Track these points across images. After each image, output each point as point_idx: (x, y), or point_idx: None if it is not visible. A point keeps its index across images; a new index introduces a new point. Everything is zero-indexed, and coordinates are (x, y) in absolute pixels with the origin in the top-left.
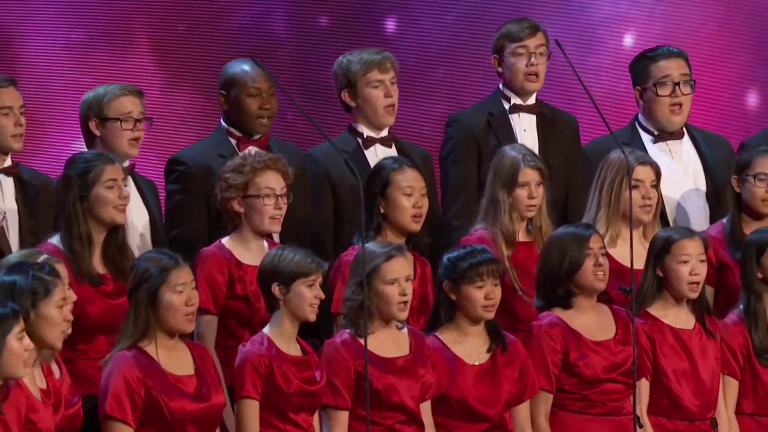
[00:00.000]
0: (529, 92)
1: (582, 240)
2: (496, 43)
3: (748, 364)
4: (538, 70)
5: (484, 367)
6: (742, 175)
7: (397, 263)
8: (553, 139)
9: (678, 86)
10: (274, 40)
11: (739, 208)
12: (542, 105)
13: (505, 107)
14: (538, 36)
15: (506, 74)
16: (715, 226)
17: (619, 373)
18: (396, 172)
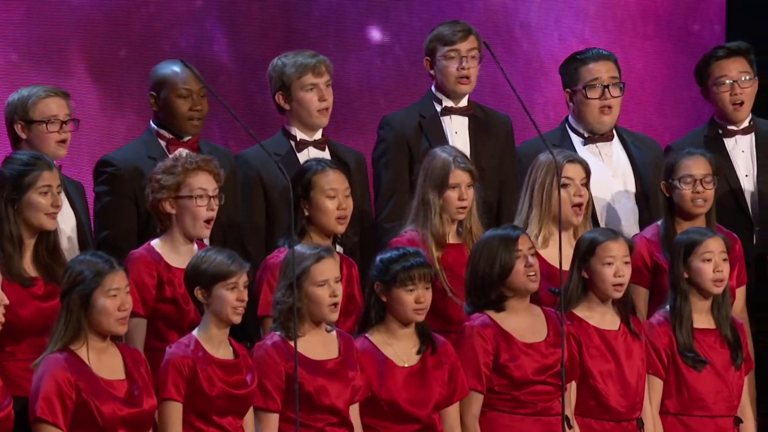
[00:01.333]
0: (461, 95)
1: (510, 242)
2: (428, 46)
3: (672, 364)
4: (470, 74)
5: (413, 369)
6: (670, 180)
7: (327, 265)
8: (485, 141)
9: (607, 89)
10: (216, 64)
11: (672, 210)
12: (475, 107)
13: (437, 109)
14: (470, 39)
15: (438, 77)
16: (650, 228)
17: (549, 375)
18: (319, 175)
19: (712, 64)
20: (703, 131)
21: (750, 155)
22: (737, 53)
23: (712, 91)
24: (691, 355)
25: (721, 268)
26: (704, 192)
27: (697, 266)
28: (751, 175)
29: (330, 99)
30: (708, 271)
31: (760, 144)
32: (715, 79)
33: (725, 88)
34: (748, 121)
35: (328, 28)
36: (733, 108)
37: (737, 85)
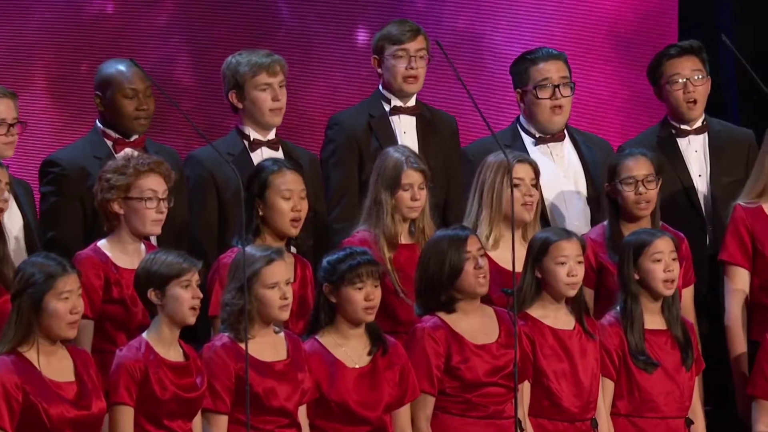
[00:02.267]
0: (408, 94)
1: (459, 243)
2: (376, 44)
3: (623, 366)
4: (418, 74)
5: (364, 371)
6: (613, 181)
7: (278, 267)
8: (432, 141)
9: (558, 88)
10: (179, 84)
11: (617, 212)
12: (422, 106)
13: (386, 109)
14: (418, 39)
15: (385, 76)
16: (596, 229)
17: (501, 377)
18: (275, 175)
19: (664, 62)
20: (656, 131)
21: (703, 155)
22: (690, 52)
23: (665, 90)
24: (643, 359)
25: (671, 268)
26: (647, 193)
27: (647, 267)
28: (704, 174)
29: (284, 99)
30: (658, 272)
31: (713, 144)
32: (667, 77)
33: (678, 87)
34: (701, 121)
35: (294, 48)
36: (686, 107)
37: (690, 84)
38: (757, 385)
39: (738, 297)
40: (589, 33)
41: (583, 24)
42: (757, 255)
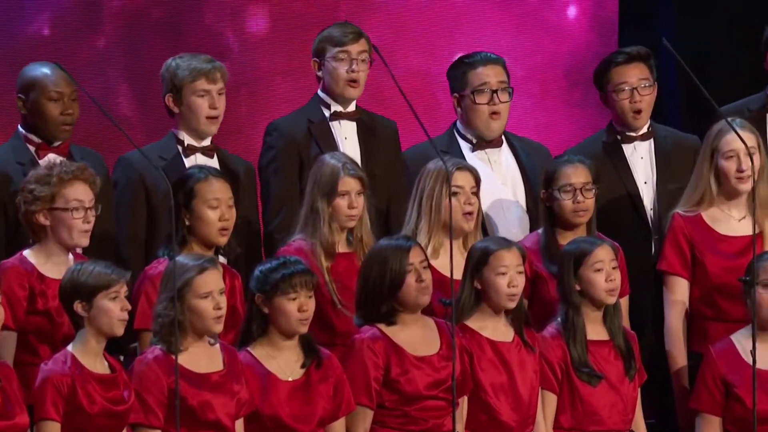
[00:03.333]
0: (349, 99)
1: (402, 254)
2: (317, 47)
3: (566, 379)
4: (359, 77)
5: (298, 383)
6: (550, 189)
7: (210, 276)
8: (374, 147)
9: (496, 94)
10: (119, 115)
11: (552, 220)
12: (362, 112)
13: (326, 114)
14: (360, 42)
15: (326, 79)
16: (530, 236)
17: (441, 390)
18: (202, 183)
19: (611, 69)
20: (601, 137)
21: (649, 162)
22: (637, 58)
23: (611, 98)
24: (586, 371)
25: (613, 277)
26: (585, 202)
27: (588, 277)
28: (650, 182)
29: (221, 107)
30: (600, 281)
31: (659, 150)
32: (614, 85)
33: (625, 95)
34: (646, 127)
35: (240, 81)
36: (632, 116)
37: (637, 92)
38: (701, 398)
39: (677, 308)
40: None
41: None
42: (697, 264)
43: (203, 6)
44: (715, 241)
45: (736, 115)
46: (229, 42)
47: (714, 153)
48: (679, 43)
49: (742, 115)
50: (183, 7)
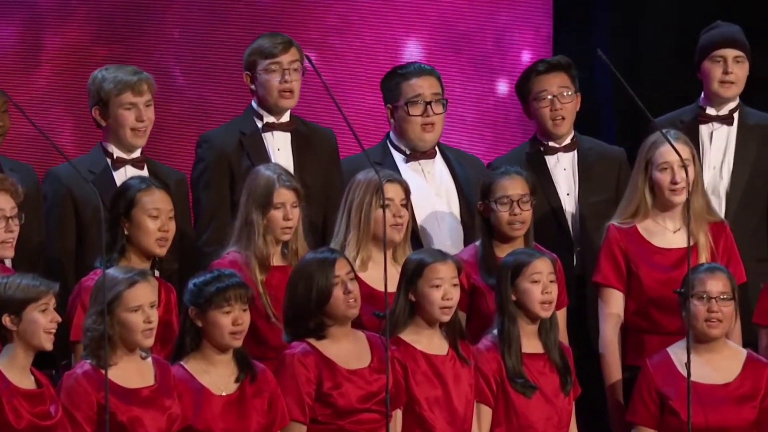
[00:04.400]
0: (284, 109)
1: (327, 267)
2: (247, 60)
3: (501, 391)
4: (293, 87)
5: (231, 398)
6: (486, 201)
7: (141, 289)
8: (309, 157)
9: (430, 105)
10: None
11: (489, 232)
12: (297, 121)
13: (258, 126)
14: (291, 52)
15: (259, 92)
16: (467, 249)
17: (374, 403)
18: (142, 193)
19: (532, 79)
20: (525, 148)
21: (572, 173)
22: (558, 68)
23: (533, 107)
24: (521, 381)
25: (549, 289)
26: (522, 214)
27: (524, 288)
28: (572, 193)
29: (149, 119)
30: (536, 293)
31: (582, 162)
32: (535, 94)
33: (546, 104)
34: (570, 138)
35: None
36: (553, 123)
37: (557, 101)
38: (636, 411)
39: (612, 321)
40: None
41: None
42: (632, 277)
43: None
44: (650, 254)
45: (670, 126)
46: (177, 79)
47: (648, 165)
48: (614, 55)
49: (675, 126)
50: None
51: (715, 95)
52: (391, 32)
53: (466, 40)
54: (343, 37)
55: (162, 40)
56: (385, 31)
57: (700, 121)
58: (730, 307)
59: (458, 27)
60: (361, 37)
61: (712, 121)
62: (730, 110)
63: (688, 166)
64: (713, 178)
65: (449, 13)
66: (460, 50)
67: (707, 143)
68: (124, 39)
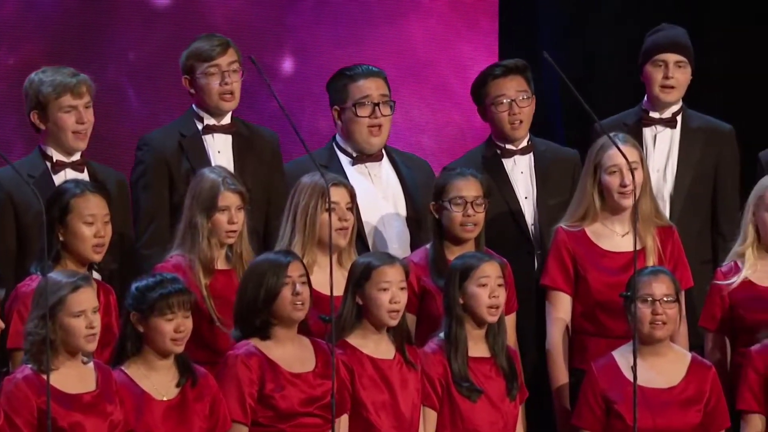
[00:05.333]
0: (225, 112)
1: (280, 268)
2: (185, 63)
3: (446, 395)
4: (233, 89)
5: (173, 403)
6: (439, 201)
7: (84, 294)
8: (249, 160)
9: (378, 107)
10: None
11: (441, 234)
12: (238, 124)
13: (198, 128)
14: (229, 53)
15: (199, 95)
16: (418, 252)
17: (317, 407)
18: (77, 199)
19: (489, 82)
20: (481, 151)
21: (529, 176)
22: (515, 71)
23: (489, 111)
24: (466, 385)
25: (496, 293)
26: (475, 216)
27: (472, 291)
28: (530, 197)
29: (89, 121)
30: (483, 297)
31: (538, 165)
32: (492, 98)
33: (503, 108)
34: (526, 141)
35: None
36: (511, 127)
37: (515, 104)
38: (582, 415)
39: (559, 324)
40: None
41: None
42: (580, 280)
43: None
44: (598, 257)
45: (614, 129)
46: (131, 102)
47: (597, 168)
48: (560, 57)
49: (620, 129)
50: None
51: (656, 99)
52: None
53: (428, 69)
54: (303, 63)
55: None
56: (348, 58)
57: (644, 123)
58: (674, 309)
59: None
60: (318, 63)
61: (655, 124)
62: (673, 113)
63: (636, 169)
64: (657, 181)
65: (410, 42)
66: (422, 79)
67: (651, 146)
68: (75, 57)
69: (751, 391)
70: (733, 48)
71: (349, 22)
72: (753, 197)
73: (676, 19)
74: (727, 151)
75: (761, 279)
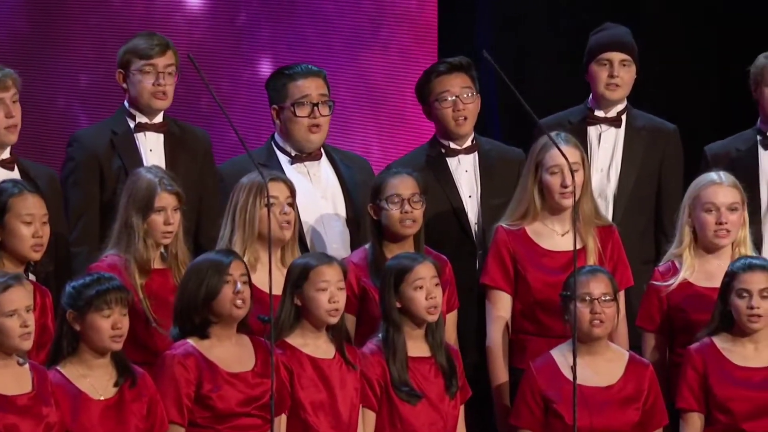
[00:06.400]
0: (156, 110)
1: (221, 266)
2: (122, 58)
3: (385, 396)
4: (167, 90)
5: (110, 402)
6: (376, 201)
7: (16, 293)
8: (181, 159)
9: (317, 107)
10: None
11: (380, 234)
12: (170, 122)
13: (130, 126)
14: (168, 55)
15: (131, 91)
16: (358, 252)
17: (255, 407)
18: (16, 198)
19: (433, 80)
20: (425, 150)
21: (473, 175)
22: (459, 68)
23: (434, 108)
24: (406, 390)
25: (433, 294)
26: (413, 212)
27: (409, 295)
28: (474, 196)
29: (18, 115)
30: (420, 299)
31: (483, 164)
32: (437, 95)
33: (447, 105)
34: (470, 140)
35: None
36: (455, 124)
37: (459, 101)
38: (520, 414)
39: (499, 323)
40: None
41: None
42: (520, 279)
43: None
44: (538, 256)
45: (557, 127)
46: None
47: (538, 167)
48: (499, 55)
49: (563, 127)
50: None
51: (602, 98)
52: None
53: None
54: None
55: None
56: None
57: (589, 122)
58: (612, 308)
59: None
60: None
61: (600, 123)
62: (618, 112)
63: (576, 170)
64: (601, 180)
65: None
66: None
67: (595, 145)
68: (28, 79)
69: (690, 390)
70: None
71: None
72: (688, 198)
73: (614, 17)
74: (671, 151)
75: (699, 280)
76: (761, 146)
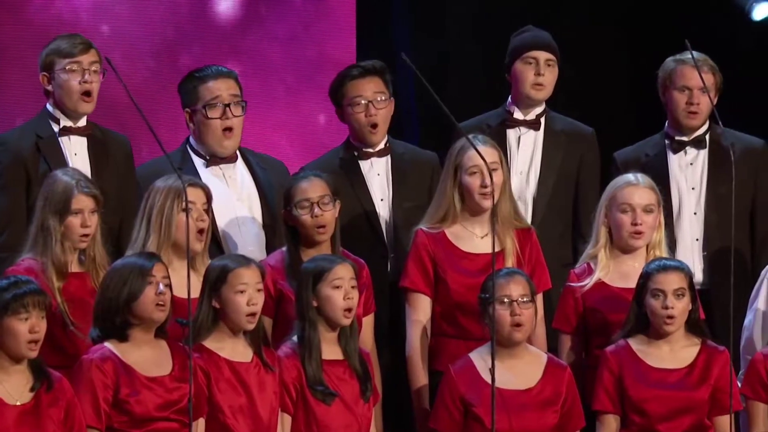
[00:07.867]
0: (82, 114)
1: (144, 268)
2: (44, 60)
3: (301, 398)
4: (92, 88)
5: (26, 408)
6: (289, 207)
7: None
8: (105, 163)
9: (228, 108)
10: None
11: (295, 238)
12: (93, 127)
13: (55, 129)
14: (91, 53)
15: (57, 93)
16: (274, 255)
17: (174, 411)
18: None
19: (346, 83)
20: (338, 153)
21: (386, 178)
22: (372, 72)
23: (347, 112)
24: (321, 389)
25: (351, 295)
26: (323, 215)
27: (326, 294)
28: (386, 199)
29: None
30: (338, 299)
31: (395, 167)
32: (349, 99)
33: (360, 109)
34: (383, 143)
35: None
36: (368, 130)
37: (372, 106)
38: (439, 418)
39: (419, 326)
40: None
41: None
42: (440, 282)
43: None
44: (458, 259)
45: (476, 130)
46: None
47: (457, 169)
48: (417, 58)
49: (482, 130)
50: None
51: (526, 98)
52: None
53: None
54: None
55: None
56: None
57: (508, 125)
58: (531, 310)
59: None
60: None
61: (519, 126)
62: (537, 115)
63: (495, 170)
64: (520, 183)
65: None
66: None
67: (515, 148)
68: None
69: (606, 392)
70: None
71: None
72: (604, 199)
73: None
74: (588, 154)
75: (614, 280)
76: (670, 150)
